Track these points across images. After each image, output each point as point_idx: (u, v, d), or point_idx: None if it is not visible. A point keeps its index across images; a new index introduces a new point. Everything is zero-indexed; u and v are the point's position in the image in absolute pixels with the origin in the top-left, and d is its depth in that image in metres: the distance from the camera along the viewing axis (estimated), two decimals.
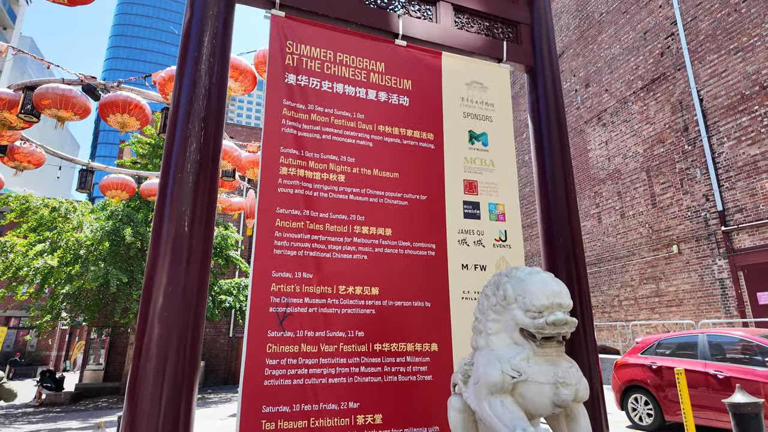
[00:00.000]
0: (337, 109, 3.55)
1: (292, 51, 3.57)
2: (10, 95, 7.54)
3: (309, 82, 3.55)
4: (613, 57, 16.93)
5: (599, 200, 17.46)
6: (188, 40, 3.28)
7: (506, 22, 4.48)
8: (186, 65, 3.21)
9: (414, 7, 4.17)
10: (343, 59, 3.70)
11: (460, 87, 3.97)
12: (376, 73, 3.78)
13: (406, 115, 3.73)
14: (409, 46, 3.95)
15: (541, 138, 4.08)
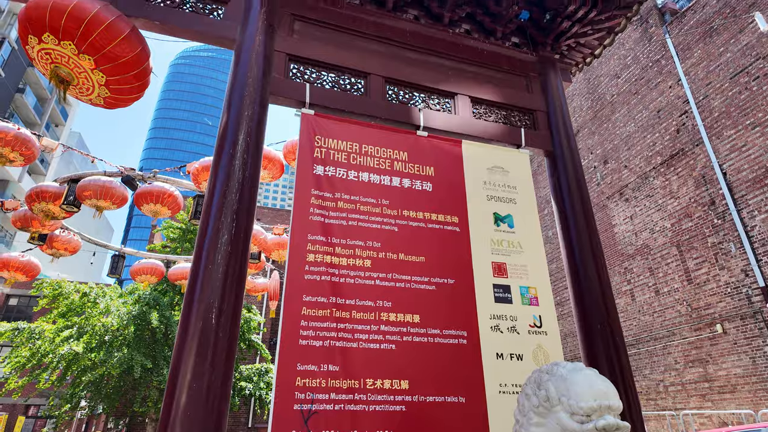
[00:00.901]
0: (362, 196, 3.65)
1: (321, 145, 3.76)
2: (55, 188, 8.07)
3: (336, 172, 3.69)
4: (629, 135, 17.29)
5: (630, 276, 16.87)
6: (224, 139, 3.51)
7: (522, 110, 4.68)
8: (221, 161, 3.40)
9: (433, 101, 4.42)
10: (368, 150, 3.87)
11: (481, 171, 4.06)
12: (399, 161, 3.92)
13: (430, 200, 3.80)
14: (431, 135, 4.13)
15: (566, 221, 4.05)
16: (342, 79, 4.25)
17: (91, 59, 3.28)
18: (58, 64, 3.28)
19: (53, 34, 3.16)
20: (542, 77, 4.88)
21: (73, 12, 3.14)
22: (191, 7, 4.06)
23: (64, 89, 3.41)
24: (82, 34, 3.17)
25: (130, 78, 3.49)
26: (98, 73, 3.36)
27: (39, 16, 3.13)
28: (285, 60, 4.09)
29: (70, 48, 3.21)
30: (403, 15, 4.76)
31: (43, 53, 3.25)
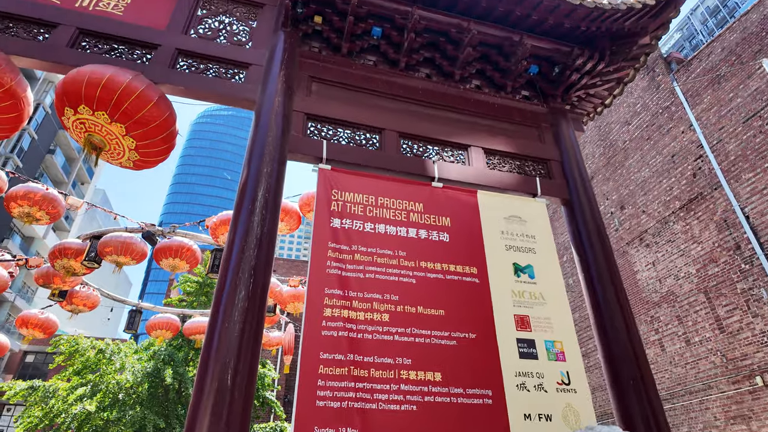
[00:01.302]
0: (379, 248, 3.64)
1: (337, 198, 3.81)
2: (78, 245, 8.26)
3: (353, 225, 3.71)
4: (645, 180, 17.21)
5: (658, 325, 16.18)
6: (244, 195, 3.58)
7: (536, 160, 4.71)
8: (240, 217, 3.46)
9: (447, 153, 4.49)
10: (384, 202, 3.90)
11: (498, 221, 4.04)
12: (415, 212, 3.93)
13: (447, 251, 3.76)
14: (446, 186, 4.16)
15: (589, 270, 3.96)
16: (357, 134, 4.37)
17: (122, 126, 3.45)
18: (92, 133, 3.46)
19: (88, 106, 3.35)
20: (554, 127, 4.95)
21: (107, 84, 3.34)
22: (214, 72, 4.29)
23: (97, 155, 3.57)
24: (115, 104, 3.35)
25: (158, 141, 3.65)
26: (129, 138, 3.52)
27: (75, 89, 3.34)
28: (303, 119, 4.24)
29: (104, 117, 3.39)
30: (415, 73, 4.96)
31: (78, 123, 3.43)
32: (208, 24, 4.56)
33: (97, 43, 4.06)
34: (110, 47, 4.09)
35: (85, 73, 3.41)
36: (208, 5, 4.68)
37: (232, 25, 4.65)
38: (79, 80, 3.37)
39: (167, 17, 4.41)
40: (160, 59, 4.12)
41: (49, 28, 3.98)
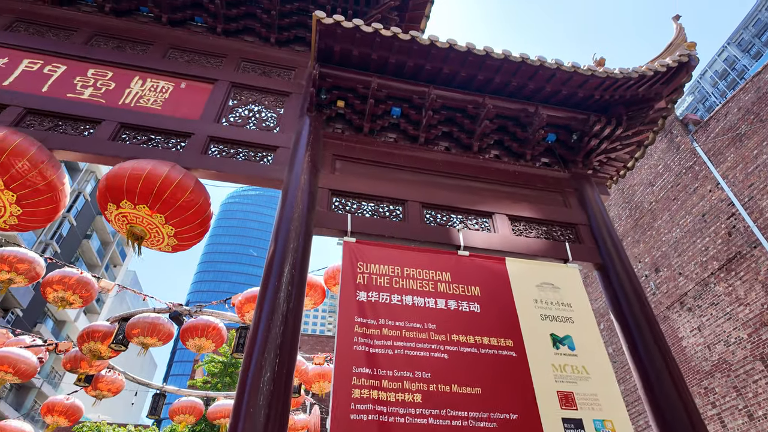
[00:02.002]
0: (407, 321, 3.52)
1: (363, 270, 3.78)
2: (106, 327, 8.30)
3: (379, 298, 3.63)
4: (677, 241, 16.66)
5: (714, 398, 14.77)
6: (270, 271, 3.59)
7: (563, 225, 4.64)
8: (267, 293, 3.44)
9: (471, 221, 4.47)
10: (411, 273, 3.84)
11: (530, 289, 3.90)
12: (443, 282, 3.84)
13: (479, 322, 3.61)
14: (473, 255, 4.10)
15: (632, 339, 3.72)
16: (381, 207, 4.43)
17: (162, 216, 3.60)
18: (134, 224, 3.61)
19: (130, 200, 3.54)
20: (578, 192, 4.93)
21: (147, 178, 3.54)
22: (244, 156, 4.52)
23: (139, 244, 3.70)
24: (155, 196, 3.53)
25: (194, 226, 3.78)
26: (168, 226, 3.66)
27: (117, 185, 3.54)
28: (328, 195, 4.35)
29: (144, 210, 3.56)
30: (435, 147, 5.11)
31: (120, 216, 3.61)
32: (238, 112, 4.88)
33: (136, 135, 4.37)
34: (148, 138, 4.39)
35: (126, 169, 3.62)
36: (239, 96, 5.04)
37: (261, 112, 4.96)
38: (120, 176, 3.58)
39: (201, 108, 4.75)
40: (194, 146, 4.37)
41: (94, 124, 4.32)
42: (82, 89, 4.53)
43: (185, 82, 4.94)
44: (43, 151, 3.65)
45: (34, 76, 4.51)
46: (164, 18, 5.45)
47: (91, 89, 4.57)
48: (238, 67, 5.34)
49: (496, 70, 4.74)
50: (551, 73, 4.71)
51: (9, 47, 4.71)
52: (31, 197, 3.54)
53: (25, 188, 3.49)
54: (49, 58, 4.72)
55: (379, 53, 4.73)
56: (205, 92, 4.91)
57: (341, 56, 4.81)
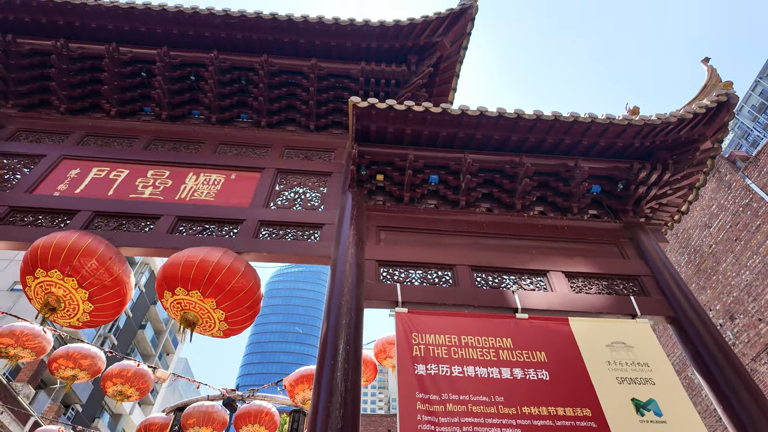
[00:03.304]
0: (472, 394, 3.32)
1: (419, 342, 3.66)
2: (162, 419, 8.27)
3: (439, 370, 3.47)
4: (749, 284, 15.35)
5: None
6: (325, 349, 3.54)
7: (625, 278, 4.40)
8: (323, 373, 3.36)
9: (525, 281, 4.32)
10: (469, 341, 3.69)
11: (601, 350, 3.63)
12: (504, 349, 3.65)
13: (550, 391, 3.36)
14: (532, 317, 3.91)
15: (726, 400, 3.33)
16: (429, 273, 4.38)
17: (213, 301, 3.71)
18: (187, 310, 3.74)
19: (183, 287, 3.69)
20: (634, 242, 4.72)
21: (200, 265, 3.70)
22: (292, 236, 4.66)
23: (192, 330, 3.80)
24: (206, 282, 3.67)
25: (244, 309, 3.85)
26: (219, 311, 3.76)
27: (173, 274, 3.72)
28: (375, 266, 4.36)
29: (197, 295, 3.69)
30: (476, 209, 5.11)
31: (175, 303, 3.75)
32: (285, 195, 5.12)
33: (192, 226, 4.62)
34: (203, 228, 4.63)
35: (181, 257, 3.81)
36: (285, 180, 5.32)
37: (306, 193, 5.18)
38: (176, 265, 3.76)
39: (250, 195, 5.02)
40: (245, 231, 4.57)
41: (153, 220, 4.63)
42: (143, 189, 4.93)
43: (235, 173, 5.29)
44: (110, 249, 3.91)
45: (102, 182, 4.95)
46: (213, 119, 5.97)
47: (151, 188, 4.95)
48: (282, 154, 5.68)
49: (529, 130, 4.82)
50: (586, 127, 4.74)
51: (81, 159, 5.25)
52: (101, 293, 3.75)
53: (95, 285, 3.71)
54: (114, 165, 5.20)
55: (413, 127, 4.94)
56: (254, 180, 5.21)
57: (377, 134, 5.05)
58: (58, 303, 3.69)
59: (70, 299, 3.70)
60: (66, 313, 3.78)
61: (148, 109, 6.06)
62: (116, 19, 5.64)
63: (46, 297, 3.66)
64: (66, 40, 5.76)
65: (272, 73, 6.00)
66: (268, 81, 5.97)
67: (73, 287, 3.66)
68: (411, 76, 6.09)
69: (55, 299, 3.67)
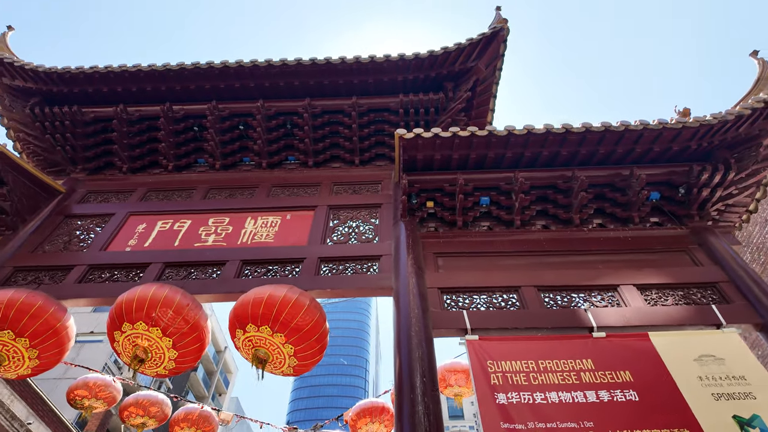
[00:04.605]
0: (560, 421, 3.21)
1: (495, 369, 3.59)
2: None
3: (521, 398, 3.39)
4: None
5: None
6: (402, 385, 3.51)
7: (701, 286, 4.21)
8: (403, 410, 3.32)
9: (596, 298, 4.20)
10: (547, 366, 3.59)
11: (689, 366, 3.46)
12: (585, 371, 3.53)
13: (641, 412, 3.21)
14: (610, 335, 3.78)
15: None
16: (494, 297, 4.33)
17: (282, 335, 3.78)
18: (258, 347, 3.83)
19: (254, 323, 3.79)
20: (704, 247, 4.53)
21: (267, 301, 3.80)
22: (352, 270, 4.73)
23: (263, 368, 3.88)
24: (275, 317, 3.76)
25: (312, 343, 3.90)
26: (288, 346, 3.82)
27: (243, 312, 3.84)
28: (438, 294, 4.35)
29: (267, 331, 3.78)
30: (532, 227, 5.04)
31: (246, 340, 3.86)
32: (340, 231, 5.23)
33: (256, 269, 4.77)
34: (266, 269, 4.77)
35: (250, 296, 3.93)
36: (337, 216, 5.43)
37: (359, 227, 5.27)
38: (245, 303, 3.88)
39: (307, 233, 5.15)
40: (307, 269, 4.68)
41: (219, 266, 4.81)
42: (206, 237, 5.15)
43: (289, 213, 5.46)
44: (186, 297, 4.07)
45: (168, 234, 5.21)
46: (263, 163, 6.22)
47: (214, 236, 5.17)
48: (332, 191, 5.83)
49: (579, 143, 4.78)
50: (638, 134, 4.65)
51: (146, 214, 5.56)
52: (183, 339, 3.90)
53: (176, 333, 3.86)
54: (177, 216, 5.47)
55: (460, 152, 4.99)
56: (308, 218, 5.36)
57: (424, 162, 5.13)
58: (146, 354, 3.85)
59: (156, 349, 3.86)
60: (153, 363, 3.93)
61: (202, 160, 6.37)
62: (168, 79, 6.03)
63: (134, 349, 3.83)
64: (124, 105, 6.20)
65: (315, 115, 6.23)
66: (312, 122, 6.20)
67: (158, 336, 3.82)
68: (449, 102, 6.18)
69: (142, 350, 3.84)
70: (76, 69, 5.97)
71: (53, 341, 3.97)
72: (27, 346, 3.85)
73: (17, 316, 3.79)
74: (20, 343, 3.82)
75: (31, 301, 3.88)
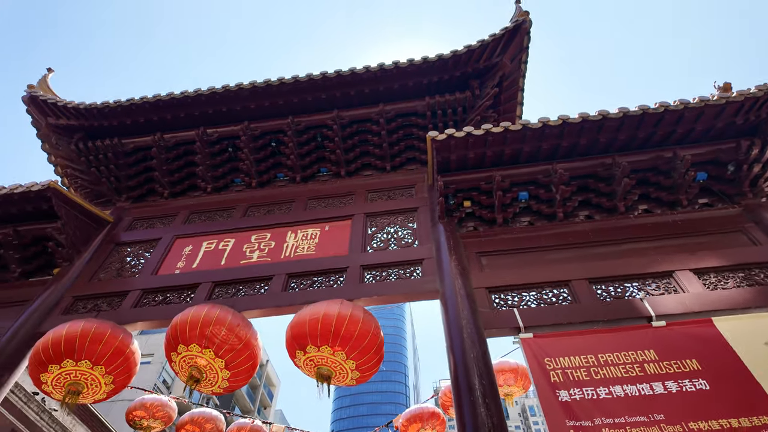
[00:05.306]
0: (627, 416, 3.12)
1: (554, 366, 3.52)
2: None
3: (584, 394, 3.31)
4: None
5: None
6: (459, 387, 3.49)
7: (763, 265, 4.03)
8: (465, 413, 3.29)
9: (651, 286, 4.07)
10: (607, 359, 3.50)
11: (761, 350, 3.31)
12: (649, 362, 3.42)
13: (714, 402, 3.08)
14: (670, 324, 3.66)
15: None
16: (544, 293, 4.25)
17: (343, 352, 3.81)
18: (320, 366, 3.87)
19: (313, 344, 3.83)
20: (761, 225, 4.34)
21: (323, 319, 3.83)
22: (395, 275, 4.74)
23: (328, 384, 3.91)
24: (333, 335, 3.78)
25: (372, 355, 3.93)
26: (350, 361, 3.85)
27: (301, 332, 3.87)
28: (485, 294, 4.31)
29: (327, 350, 3.81)
30: (575, 219, 4.94)
31: (308, 360, 3.90)
32: (379, 237, 5.25)
33: (302, 281, 4.84)
34: (311, 281, 4.83)
35: (305, 316, 3.96)
36: (375, 224, 5.46)
37: (398, 232, 5.28)
38: (301, 324, 3.91)
39: (347, 243, 5.19)
40: (351, 278, 4.71)
41: (266, 281, 4.90)
42: (250, 254, 5.26)
43: (327, 224, 5.52)
44: (236, 316, 4.17)
45: (213, 254, 5.35)
46: (297, 178, 6.33)
47: (258, 252, 5.28)
48: (367, 198, 5.87)
49: (617, 129, 4.67)
50: (678, 114, 4.51)
51: (191, 236, 5.73)
52: (235, 359, 3.98)
53: (229, 352, 3.95)
54: (220, 236, 5.62)
55: (493, 149, 4.95)
56: (346, 228, 5.41)
57: (457, 162, 5.10)
58: (201, 374, 3.96)
59: (210, 369, 3.96)
60: (208, 382, 4.04)
61: (239, 179, 6.53)
62: (200, 104, 6.22)
63: (190, 370, 3.94)
64: (161, 132, 6.42)
65: (344, 125, 6.30)
66: (341, 133, 6.27)
67: (211, 357, 3.92)
68: (476, 100, 6.15)
69: (197, 371, 3.95)
70: (114, 102, 6.24)
71: (124, 366, 4.14)
72: (103, 373, 4.02)
73: (92, 346, 3.97)
74: (97, 371, 3.99)
75: (102, 330, 4.06)
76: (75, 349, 3.96)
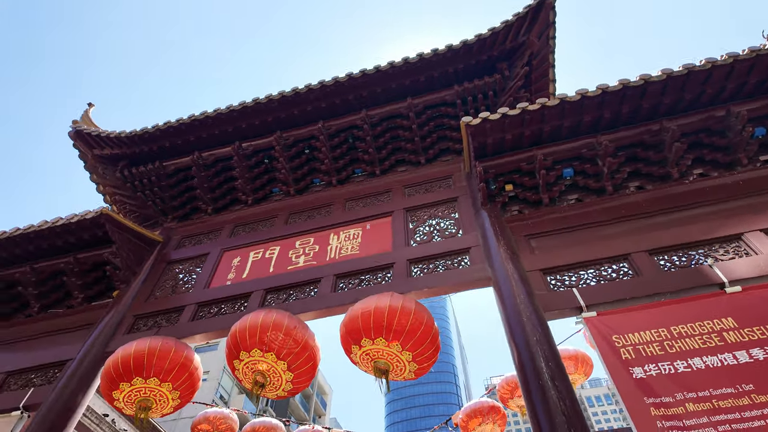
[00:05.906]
0: (713, 388, 2.93)
1: (623, 343, 3.36)
2: None
3: (660, 369, 3.14)
4: None
5: None
6: (525, 372, 3.37)
7: None
8: (534, 399, 3.18)
9: (718, 252, 3.84)
10: (681, 331, 3.31)
11: None
12: (728, 331, 3.21)
13: None
14: (746, 288, 3.42)
15: None
16: (602, 270, 4.08)
17: (398, 344, 3.78)
18: (377, 359, 3.85)
19: (368, 337, 3.82)
20: None
21: (375, 312, 3.81)
22: (443, 266, 4.66)
23: (387, 378, 3.89)
24: (387, 327, 3.76)
25: (428, 345, 3.87)
26: (406, 353, 3.81)
27: (354, 327, 3.87)
28: (541, 276, 4.17)
29: (382, 342, 3.79)
30: (626, 191, 4.72)
31: (364, 354, 3.89)
32: (421, 231, 5.19)
33: (349, 281, 4.84)
34: (359, 279, 4.83)
35: (357, 311, 3.96)
36: (415, 217, 5.41)
37: (440, 223, 5.21)
38: (354, 319, 3.91)
39: (390, 239, 5.16)
40: (398, 273, 4.67)
41: (315, 284, 4.93)
42: (297, 259, 5.31)
43: (368, 223, 5.51)
44: (292, 319, 4.20)
45: (261, 263, 5.44)
46: (333, 181, 6.36)
47: (303, 256, 5.32)
48: (404, 194, 5.83)
49: (661, 92, 4.44)
50: (727, 69, 4.25)
51: (237, 248, 5.85)
52: (296, 360, 4.01)
53: (290, 355, 3.99)
54: (266, 245, 5.71)
55: (532, 127, 4.81)
56: (387, 225, 5.38)
57: (494, 146, 4.99)
58: (264, 378, 4.01)
59: (273, 372, 4.01)
60: (272, 387, 4.08)
61: (277, 189, 6.63)
62: (233, 120, 6.36)
63: (254, 375, 4.00)
64: (199, 151, 6.61)
65: (374, 124, 6.29)
66: (372, 132, 6.26)
67: (273, 361, 3.96)
68: (507, 81, 6.01)
69: (261, 376, 4.00)
70: (152, 127, 6.47)
71: (189, 381, 4.25)
72: (170, 389, 4.15)
73: (159, 363, 4.10)
74: (164, 387, 4.12)
75: (167, 347, 4.18)
76: (144, 366, 4.10)
